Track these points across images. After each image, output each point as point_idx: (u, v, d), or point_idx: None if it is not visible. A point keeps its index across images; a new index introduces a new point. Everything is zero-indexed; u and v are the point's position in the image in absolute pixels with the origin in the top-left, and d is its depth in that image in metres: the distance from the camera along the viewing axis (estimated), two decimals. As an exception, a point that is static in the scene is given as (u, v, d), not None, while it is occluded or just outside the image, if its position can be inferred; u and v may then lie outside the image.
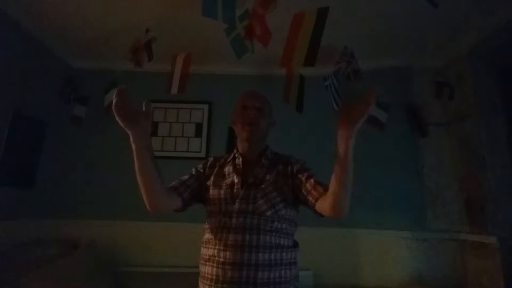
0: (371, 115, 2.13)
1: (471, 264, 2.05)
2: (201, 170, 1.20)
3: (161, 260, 2.24)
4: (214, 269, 0.98)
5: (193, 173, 1.19)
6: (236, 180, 1.10)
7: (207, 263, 1.01)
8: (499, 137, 2.06)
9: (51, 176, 2.36)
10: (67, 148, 2.47)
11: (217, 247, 1.00)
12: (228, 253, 0.97)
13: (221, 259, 0.97)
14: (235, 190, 1.07)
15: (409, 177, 2.29)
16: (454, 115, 2.31)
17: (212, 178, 1.15)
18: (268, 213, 1.02)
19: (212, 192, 1.11)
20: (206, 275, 1.00)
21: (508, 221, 1.92)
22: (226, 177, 1.14)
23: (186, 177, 1.16)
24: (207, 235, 1.07)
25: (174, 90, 1.94)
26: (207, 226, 1.10)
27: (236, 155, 1.19)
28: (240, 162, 1.15)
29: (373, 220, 2.27)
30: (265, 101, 1.21)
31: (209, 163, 1.23)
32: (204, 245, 1.07)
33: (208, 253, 1.02)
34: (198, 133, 2.54)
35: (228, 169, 1.16)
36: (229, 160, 1.20)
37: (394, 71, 2.45)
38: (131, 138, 0.89)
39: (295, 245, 1.10)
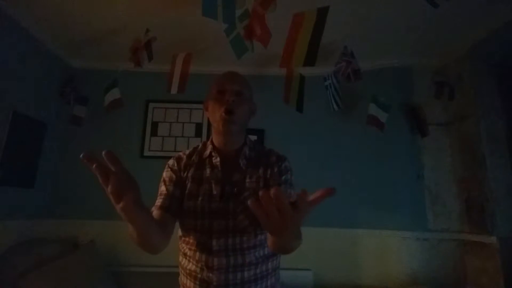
0: (371, 114, 2.13)
1: (471, 264, 2.05)
2: (179, 173, 1.03)
3: (161, 260, 2.23)
4: (198, 287, 0.93)
5: (174, 179, 1.02)
6: (215, 192, 0.97)
7: (189, 277, 0.97)
8: (499, 137, 2.06)
9: (51, 176, 2.36)
10: (67, 148, 2.47)
11: (199, 265, 0.94)
12: (212, 275, 0.91)
13: (205, 278, 0.92)
14: (213, 203, 0.95)
15: (409, 177, 2.29)
16: (454, 115, 2.31)
17: (189, 185, 1.00)
18: (250, 229, 0.94)
19: (187, 203, 0.97)
20: None
21: (508, 221, 1.92)
22: (203, 183, 0.99)
23: (170, 187, 1.00)
24: (186, 249, 0.98)
25: (174, 90, 1.94)
26: (183, 238, 1.00)
27: (213, 153, 1.02)
28: (219, 163, 1.00)
29: (373, 220, 2.27)
30: (245, 83, 1.04)
31: (183, 163, 1.04)
32: (183, 256, 1.00)
33: (189, 267, 0.97)
34: (198, 133, 2.54)
35: (204, 172, 1.01)
36: (204, 157, 1.04)
37: (394, 71, 2.45)
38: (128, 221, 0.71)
39: None
